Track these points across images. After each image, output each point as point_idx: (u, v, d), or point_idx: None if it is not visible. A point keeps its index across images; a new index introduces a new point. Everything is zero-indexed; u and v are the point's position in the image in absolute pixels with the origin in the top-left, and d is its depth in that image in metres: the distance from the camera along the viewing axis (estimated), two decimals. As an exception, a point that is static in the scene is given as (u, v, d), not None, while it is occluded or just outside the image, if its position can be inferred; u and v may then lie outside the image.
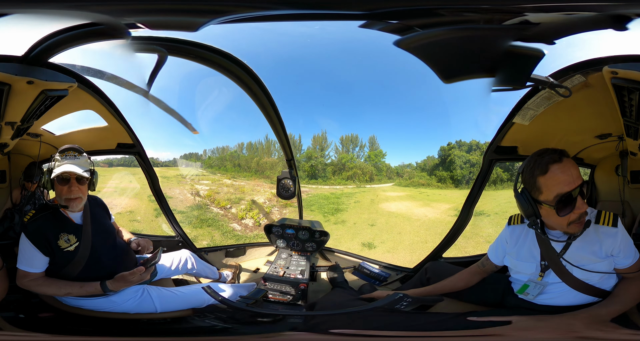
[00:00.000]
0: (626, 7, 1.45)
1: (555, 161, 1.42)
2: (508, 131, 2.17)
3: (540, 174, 1.44)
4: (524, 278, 1.70)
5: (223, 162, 6.32)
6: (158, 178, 2.78)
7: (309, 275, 2.51)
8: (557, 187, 1.42)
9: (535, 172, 1.45)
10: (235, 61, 2.04)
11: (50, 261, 1.77)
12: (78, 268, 1.80)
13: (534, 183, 1.46)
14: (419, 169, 5.69)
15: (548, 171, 1.42)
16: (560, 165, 1.42)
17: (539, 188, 1.46)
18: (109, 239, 1.96)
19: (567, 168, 1.42)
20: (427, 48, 1.57)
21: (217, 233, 4.85)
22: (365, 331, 1.67)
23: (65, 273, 1.79)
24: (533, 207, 1.50)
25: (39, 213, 1.80)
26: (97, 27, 1.60)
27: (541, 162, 1.44)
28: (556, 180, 1.41)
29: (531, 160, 1.48)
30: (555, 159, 1.42)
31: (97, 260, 1.84)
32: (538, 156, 1.46)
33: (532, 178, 1.46)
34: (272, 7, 1.55)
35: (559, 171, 1.42)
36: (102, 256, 1.86)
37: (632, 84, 1.55)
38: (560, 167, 1.42)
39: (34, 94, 1.76)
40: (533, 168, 1.46)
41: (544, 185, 1.44)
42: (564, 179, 1.41)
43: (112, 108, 2.25)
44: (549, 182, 1.43)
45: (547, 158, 1.43)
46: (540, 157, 1.45)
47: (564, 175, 1.41)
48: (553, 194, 1.43)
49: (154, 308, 1.87)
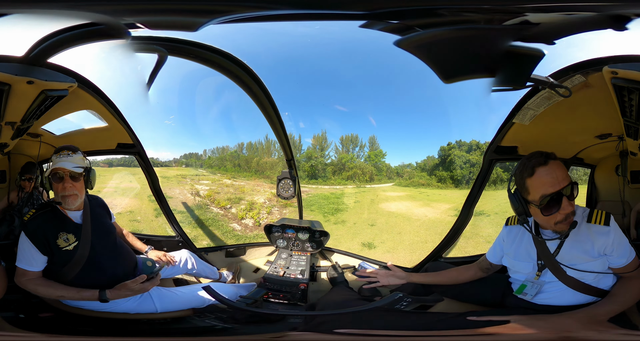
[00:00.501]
0: (626, 7, 1.45)
1: (541, 164, 1.51)
2: (508, 131, 2.17)
3: (527, 176, 1.54)
4: (522, 277, 1.72)
5: (223, 162, 6.32)
6: (158, 178, 2.78)
7: (309, 275, 2.51)
8: (542, 188, 1.51)
9: (524, 174, 1.55)
10: (235, 61, 2.04)
11: (49, 260, 1.77)
12: (77, 268, 1.79)
13: (522, 184, 1.56)
14: (419, 169, 5.69)
15: (534, 173, 1.52)
16: (545, 167, 1.51)
17: (527, 189, 1.55)
18: (109, 239, 1.95)
19: (552, 171, 1.51)
20: (427, 48, 1.57)
21: (218, 233, 4.85)
22: (365, 331, 1.67)
23: (63, 273, 1.78)
24: (523, 206, 1.59)
25: (39, 212, 1.80)
26: (97, 27, 1.60)
27: (528, 165, 1.53)
28: (541, 181, 1.51)
29: (521, 163, 1.57)
30: (541, 162, 1.52)
31: (95, 260, 1.83)
32: (527, 159, 1.56)
33: (522, 180, 1.56)
34: (272, 7, 1.54)
35: (544, 173, 1.51)
36: (101, 256, 1.85)
37: (632, 84, 1.55)
38: (545, 169, 1.51)
39: (34, 94, 1.76)
40: (522, 170, 1.55)
41: (531, 186, 1.54)
42: (548, 181, 1.50)
43: (112, 108, 2.24)
44: (535, 183, 1.52)
45: (533, 161, 1.53)
46: (528, 160, 1.55)
47: (548, 177, 1.50)
48: (538, 195, 1.52)
49: (154, 308, 1.87)
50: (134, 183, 4.11)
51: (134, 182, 4.11)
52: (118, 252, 1.97)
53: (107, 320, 1.80)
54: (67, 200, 1.80)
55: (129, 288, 1.77)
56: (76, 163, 1.83)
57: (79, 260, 1.79)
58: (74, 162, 1.83)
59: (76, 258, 1.78)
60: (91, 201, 1.97)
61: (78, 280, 1.79)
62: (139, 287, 1.78)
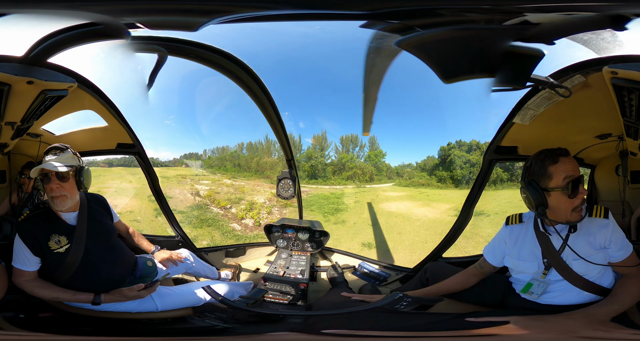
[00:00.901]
0: (626, 7, 1.45)
1: (563, 154, 1.62)
2: (508, 131, 2.17)
3: (550, 164, 1.61)
4: (527, 277, 1.72)
5: (223, 162, 6.32)
6: (158, 178, 2.78)
7: (309, 275, 2.51)
8: (567, 172, 1.59)
9: (546, 162, 1.61)
10: (235, 61, 2.04)
11: (42, 261, 1.75)
12: (69, 272, 1.76)
13: (544, 172, 1.61)
14: (419, 169, 5.69)
15: (558, 161, 1.60)
16: (567, 158, 1.62)
17: (550, 175, 1.60)
18: (106, 241, 1.92)
19: (572, 160, 1.62)
20: (427, 48, 1.57)
21: (218, 233, 4.85)
22: (364, 331, 1.66)
23: (56, 276, 1.76)
24: (542, 196, 1.61)
25: (32, 213, 1.78)
26: (97, 27, 1.60)
27: (551, 154, 1.62)
28: (566, 167, 1.59)
29: (540, 155, 1.64)
30: (562, 153, 1.62)
31: (89, 263, 1.80)
32: (546, 152, 1.64)
33: (543, 168, 1.62)
34: (272, 7, 1.54)
35: (567, 161, 1.61)
36: (96, 260, 1.82)
37: (632, 84, 1.55)
38: (567, 159, 1.62)
39: (34, 94, 1.75)
40: (544, 159, 1.62)
41: (555, 172, 1.60)
42: (571, 167, 1.60)
43: (112, 108, 2.24)
44: (560, 168, 1.59)
45: (557, 152, 1.62)
46: (550, 151, 1.64)
47: (571, 164, 1.61)
48: (563, 177, 1.58)
49: (155, 307, 1.86)
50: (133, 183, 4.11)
51: (133, 182, 4.11)
52: (115, 254, 1.94)
53: (108, 320, 1.80)
54: (55, 201, 1.75)
55: (123, 294, 1.76)
56: (62, 163, 1.76)
57: (71, 263, 1.76)
58: (61, 161, 1.76)
59: (68, 261, 1.75)
60: (90, 200, 1.94)
61: (71, 282, 1.77)
62: (133, 294, 1.77)
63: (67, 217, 1.82)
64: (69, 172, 1.78)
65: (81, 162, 1.86)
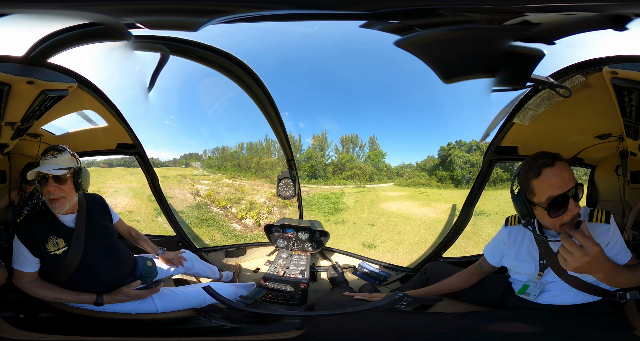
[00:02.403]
0: (626, 7, 1.44)
1: (548, 165, 1.46)
2: (508, 131, 2.17)
3: (533, 177, 1.48)
4: (524, 278, 1.72)
5: (223, 162, 6.32)
6: (158, 178, 2.78)
7: (309, 275, 2.52)
8: (549, 190, 1.45)
9: (529, 175, 1.49)
10: (235, 61, 2.04)
11: (41, 262, 1.74)
12: (67, 274, 1.75)
13: (528, 186, 1.51)
14: (419, 169, 5.70)
15: (541, 174, 1.46)
16: (552, 168, 1.46)
17: (533, 191, 1.50)
18: (105, 243, 1.90)
19: (560, 172, 1.46)
20: (427, 48, 1.57)
21: (218, 233, 4.85)
22: (365, 331, 1.67)
23: (54, 279, 1.75)
24: (528, 208, 1.54)
25: (31, 214, 1.77)
26: (97, 27, 1.59)
27: (534, 166, 1.48)
28: (548, 183, 1.45)
29: (526, 164, 1.52)
30: (547, 163, 1.46)
31: (88, 266, 1.79)
32: (532, 159, 1.51)
33: (527, 181, 1.51)
34: (272, 7, 1.54)
35: (551, 174, 1.45)
36: (95, 262, 1.81)
37: (632, 84, 1.55)
38: (552, 170, 1.46)
39: (34, 94, 1.75)
40: (527, 171, 1.50)
41: (537, 188, 1.48)
42: (555, 182, 1.45)
43: (112, 108, 2.24)
44: (542, 185, 1.47)
45: (540, 162, 1.47)
46: (534, 160, 1.50)
47: (555, 178, 1.45)
48: (545, 197, 1.46)
49: (155, 308, 1.86)
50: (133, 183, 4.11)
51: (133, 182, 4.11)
52: (114, 255, 1.93)
53: (108, 321, 1.80)
54: (53, 204, 1.73)
55: (124, 293, 1.76)
56: (59, 165, 1.73)
57: (68, 265, 1.75)
58: (57, 163, 1.74)
59: (66, 264, 1.74)
60: (89, 202, 1.93)
61: (70, 283, 1.77)
62: (134, 293, 1.77)
63: (65, 219, 1.81)
64: (67, 174, 1.76)
65: (79, 163, 1.84)
